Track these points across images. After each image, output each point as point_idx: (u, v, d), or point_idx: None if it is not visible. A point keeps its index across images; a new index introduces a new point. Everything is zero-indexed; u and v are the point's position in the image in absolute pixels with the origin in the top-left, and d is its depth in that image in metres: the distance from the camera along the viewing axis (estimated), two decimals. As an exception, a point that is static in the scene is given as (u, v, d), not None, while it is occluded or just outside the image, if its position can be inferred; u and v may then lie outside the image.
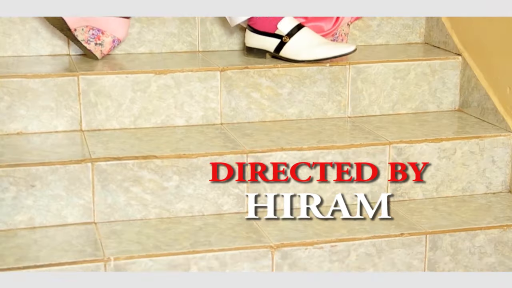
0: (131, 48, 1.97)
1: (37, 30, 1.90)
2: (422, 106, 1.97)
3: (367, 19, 2.12)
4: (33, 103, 1.72)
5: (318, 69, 1.88)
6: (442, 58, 1.97)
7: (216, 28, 2.02)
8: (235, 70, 1.83)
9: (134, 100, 1.78)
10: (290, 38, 1.88)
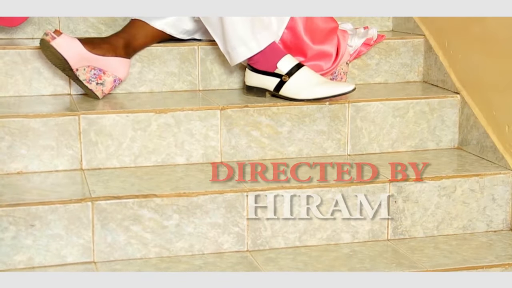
0: (132, 88, 1.99)
1: (39, 70, 1.92)
2: (422, 144, 1.98)
3: (365, 58, 2.14)
4: (34, 142, 1.73)
5: (317, 108, 1.89)
6: (440, 97, 1.98)
7: (216, 67, 2.03)
8: (235, 108, 1.84)
9: (135, 138, 1.79)
10: (289, 77, 1.89)
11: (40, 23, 2.08)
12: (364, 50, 2.10)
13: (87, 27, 2.11)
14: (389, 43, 2.15)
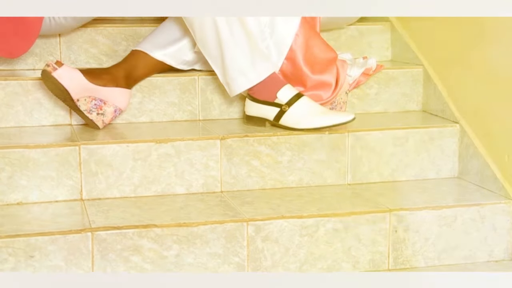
0: (132, 118, 2.00)
1: (40, 101, 1.93)
2: (422, 173, 1.98)
3: (365, 88, 2.15)
4: (34, 173, 1.73)
5: (317, 137, 1.89)
6: (440, 126, 1.99)
7: (216, 97, 2.04)
8: (235, 138, 1.85)
9: (135, 169, 1.79)
10: (289, 107, 1.90)
11: (42, 54, 2.09)
12: (363, 80, 2.11)
13: (88, 58, 2.12)
14: (388, 72, 2.16)
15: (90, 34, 2.11)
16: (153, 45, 1.97)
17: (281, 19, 1.95)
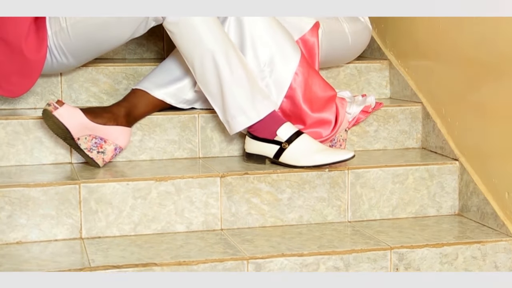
0: (133, 156, 2.00)
1: (41, 139, 1.94)
2: (422, 211, 1.97)
3: (364, 125, 2.16)
4: (34, 212, 1.73)
5: (317, 174, 1.89)
6: (439, 163, 1.99)
7: (216, 134, 2.05)
8: (235, 175, 1.85)
9: (135, 207, 1.79)
10: (289, 144, 1.90)
11: (43, 93, 2.10)
12: (363, 117, 2.12)
13: (89, 97, 2.14)
14: (387, 110, 2.18)
15: (91, 73, 2.13)
16: (153, 84, 1.99)
17: (281, 59, 1.97)
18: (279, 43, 1.97)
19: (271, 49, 1.97)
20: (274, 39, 1.97)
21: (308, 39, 2.06)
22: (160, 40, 2.50)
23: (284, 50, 1.98)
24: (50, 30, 1.88)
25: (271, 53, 1.97)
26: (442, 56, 2.09)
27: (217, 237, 1.78)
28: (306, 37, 2.06)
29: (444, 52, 2.08)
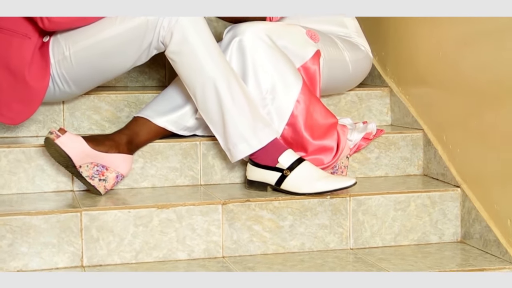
0: (134, 183, 2.00)
1: (43, 167, 1.94)
2: (424, 238, 1.97)
3: (365, 152, 2.16)
4: (35, 240, 1.72)
5: (319, 202, 1.89)
6: (441, 190, 1.99)
7: (217, 162, 2.05)
8: (237, 203, 1.85)
9: (136, 234, 1.79)
10: (291, 171, 1.90)
11: (45, 121, 2.11)
12: (364, 144, 2.12)
13: (90, 125, 2.14)
14: (388, 137, 2.18)
15: (93, 101, 2.14)
16: (155, 112, 2.00)
17: (282, 86, 1.98)
18: (281, 71, 1.99)
19: (273, 77, 1.98)
20: (276, 67, 1.98)
21: (310, 67, 2.07)
22: (162, 68, 2.51)
23: (286, 78, 1.99)
24: (53, 59, 1.90)
25: (273, 80, 1.98)
26: (443, 83, 2.10)
27: (218, 265, 1.77)
28: (308, 65, 2.07)
29: (445, 80, 2.08)
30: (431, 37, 2.14)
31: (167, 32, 1.85)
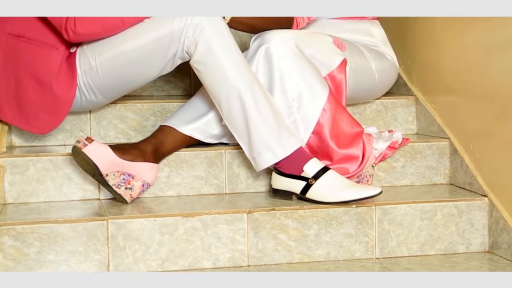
0: (160, 192, 2.01)
1: (70, 176, 1.96)
2: (451, 248, 1.95)
3: (391, 161, 2.15)
4: (62, 248, 1.74)
5: (344, 211, 1.89)
6: (468, 200, 1.97)
7: (242, 170, 2.06)
8: (262, 212, 1.85)
9: (162, 243, 1.79)
10: (316, 180, 1.90)
11: (72, 130, 2.13)
12: (390, 153, 2.11)
13: (117, 133, 2.16)
14: (414, 146, 2.17)
15: (119, 110, 2.16)
16: (180, 121, 2.01)
17: (309, 95, 1.98)
18: (307, 80, 1.99)
19: (299, 86, 1.98)
20: (303, 75, 1.98)
21: (336, 75, 2.07)
22: (187, 77, 2.53)
23: (312, 86, 1.99)
24: (79, 69, 1.92)
25: (299, 89, 1.98)
26: (469, 91, 2.08)
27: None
28: (334, 74, 2.07)
29: (471, 87, 2.07)
30: (457, 45, 2.13)
31: (192, 42, 1.86)
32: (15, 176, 1.92)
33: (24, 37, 1.90)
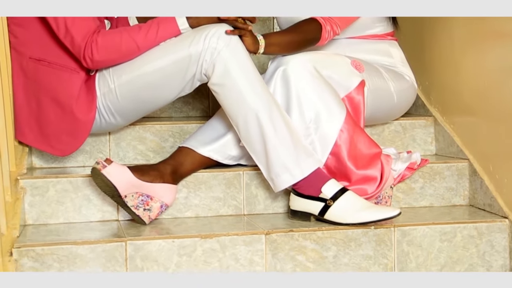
0: (178, 213, 2.02)
1: (89, 197, 1.97)
2: (472, 269, 1.93)
3: (409, 182, 2.14)
4: (81, 269, 1.75)
5: (363, 232, 1.88)
6: (488, 221, 1.95)
7: (261, 191, 2.06)
8: (280, 233, 1.84)
9: (180, 264, 1.79)
10: (334, 201, 1.90)
11: (92, 151, 2.15)
12: (408, 174, 2.10)
13: (136, 155, 2.17)
14: (433, 167, 2.15)
15: (138, 132, 2.18)
16: (199, 142, 2.02)
17: (326, 116, 1.98)
18: (325, 101, 1.99)
19: (316, 107, 1.98)
20: (320, 96, 1.99)
21: (354, 97, 2.07)
22: (206, 98, 2.55)
23: (330, 107, 1.99)
24: (99, 91, 1.94)
25: (316, 110, 1.98)
26: (488, 112, 2.07)
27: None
28: (352, 95, 2.07)
29: (490, 108, 2.06)
30: (476, 66, 2.13)
31: (210, 64, 1.87)
32: (35, 197, 1.94)
33: (45, 61, 1.93)
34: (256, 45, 1.94)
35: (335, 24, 2.06)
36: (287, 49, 2.01)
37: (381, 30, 2.25)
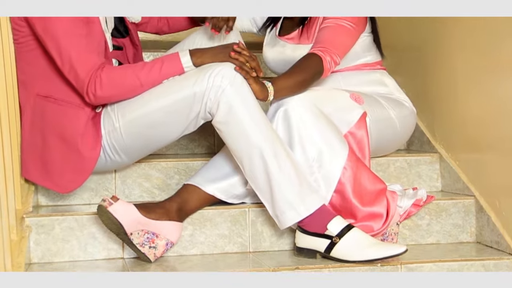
0: (183, 250, 2.01)
1: (94, 235, 1.96)
2: (480, 307, 1.91)
3: (416, 219, 2.13)
4: (86, 307, 1.73)
5: (369, 269, 1.86)
6: (496, 259, 1.94)
7: (266, 228, 2.05)
8: (286, 270, 1.83)
9: (185, 303, 1.78)
10: (340, 238, 1.89)
11: (97, 189, 2.15)
12: (414, 211, 2.10)
13: (141, 192, 2.17)
14: (439, 203, 2.15)
15: (144, 169, 2.18)
16: (204, 179, 2.02)
17: (329, 154, 1.98)
18: (327, 139, 1.99)
19: (319, 145, 1.99)
20: (322, 135, 1.99)
21: (356, 132, 2.08)
22: (211, 135, 2.55)
23: (332, 145, 1.99)
24: (103, 130, 1.95)
25: (319, 149, 1.98)
26: (493, 148, 2.07)
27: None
28: (354, 130, 2.08)
29: (495, 144, 2.06)
30: (480, 102, 2.13)
31: (214, 103, 1.88)
32: (41, 235, 1.94)
33: (52, 97, 1.95)
34: (265, 92, 1.94)
35: (334, 53, 2.07)
36: (296, 89, 2.02)
37: (371, 59, 2.27)
